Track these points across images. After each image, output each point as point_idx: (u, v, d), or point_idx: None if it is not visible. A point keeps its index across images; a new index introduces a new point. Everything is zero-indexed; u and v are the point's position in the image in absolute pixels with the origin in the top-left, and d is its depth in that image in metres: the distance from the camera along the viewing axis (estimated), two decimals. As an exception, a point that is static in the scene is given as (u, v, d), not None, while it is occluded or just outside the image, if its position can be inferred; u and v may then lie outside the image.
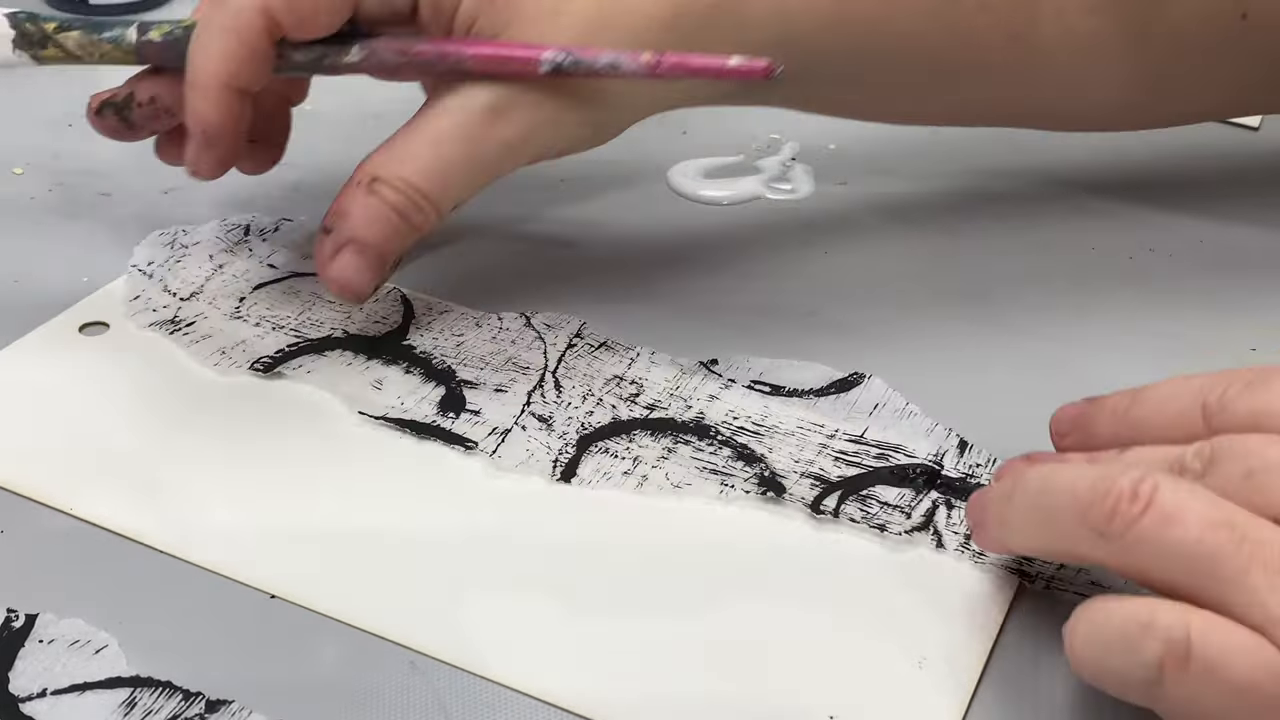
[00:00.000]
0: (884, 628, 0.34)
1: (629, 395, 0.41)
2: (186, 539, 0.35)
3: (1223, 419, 0.32)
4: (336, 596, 0.34)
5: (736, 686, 0.32)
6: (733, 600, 0.34)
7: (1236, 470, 0.30)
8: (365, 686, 0.31)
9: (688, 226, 0.51)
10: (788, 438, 0.39)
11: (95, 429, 0.38)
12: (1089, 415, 0.35)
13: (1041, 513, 0.31)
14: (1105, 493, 0.29)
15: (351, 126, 0.55)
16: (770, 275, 0.48)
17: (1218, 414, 0.32)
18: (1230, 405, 0.32)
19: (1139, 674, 0.28)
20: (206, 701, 0.30)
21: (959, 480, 0.38)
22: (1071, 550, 0.31)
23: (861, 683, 0.32)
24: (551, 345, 0.42)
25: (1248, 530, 0.28)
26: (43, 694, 0.31)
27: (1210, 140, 0.61)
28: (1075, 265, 0.50)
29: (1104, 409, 0.35)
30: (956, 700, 0.32)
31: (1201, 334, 0.46)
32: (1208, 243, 0.52)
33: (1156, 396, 0.34)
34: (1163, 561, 0.29)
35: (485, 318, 0.43)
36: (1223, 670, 0.27)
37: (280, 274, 0.45)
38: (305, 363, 0.41)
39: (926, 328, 0.46)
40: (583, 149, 0.44)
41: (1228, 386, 0.32)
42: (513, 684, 0.32)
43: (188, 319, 0.43)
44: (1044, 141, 0.59)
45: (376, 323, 0.43)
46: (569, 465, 0.38)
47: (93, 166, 0.51)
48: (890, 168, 0.56)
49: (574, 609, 0.34)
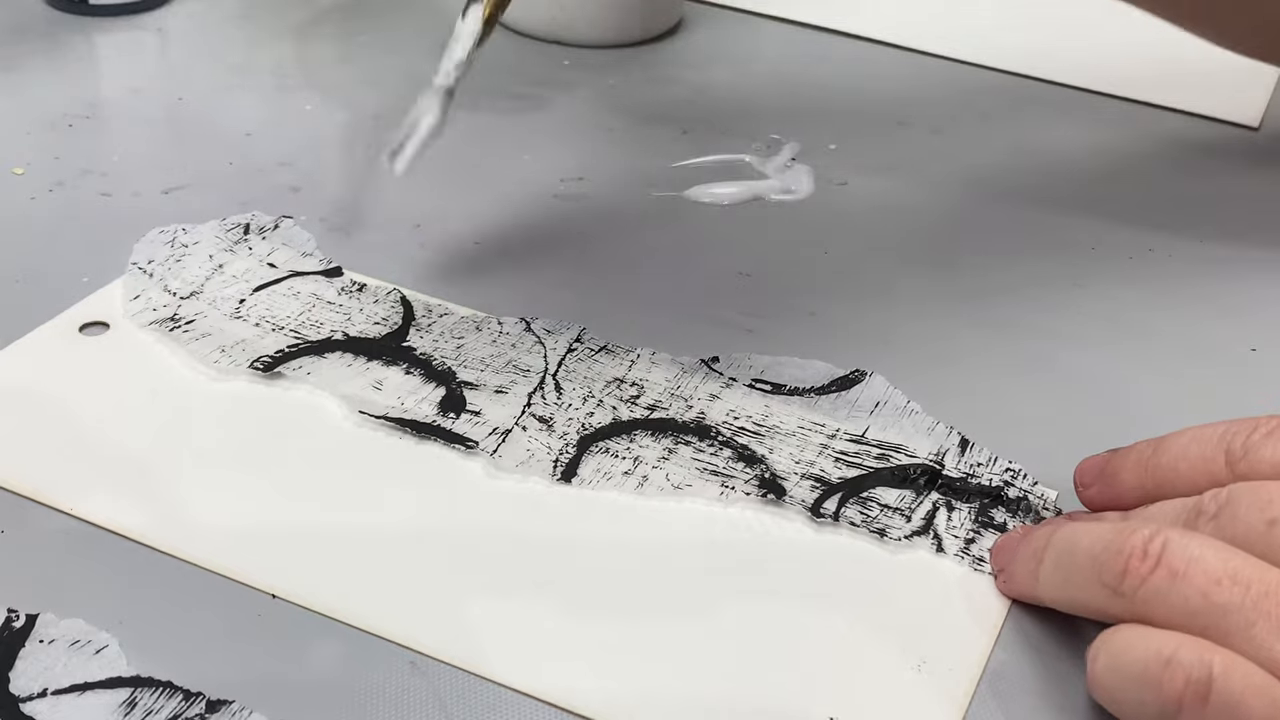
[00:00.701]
0: (883, 630, 0.34)
1: (630, 397, 0.41)
2: (186, 539, 0.35)
3: (1246, 465, 0.32)
4: (336, 596, 0.34)
5: (736, 688, 0.32)
6: (732, 601, 0.34)
7: (1258, 518, 0.30)
8: (365, 686, 0.31)
9: (688, 226, 0.51)
10: (789, 438, 0.39)
11: (96, 429, 0.38)
12: (1113, 466, 0.35)
13: (1064, 572, 0.32)
14: (1118, 551, 0.31)
15: (352, 126, 0.56)
16: (770, 275, 0.48)
17: (1241, 459, 0.32)
18: (1254, 450, 0.32)
19: (1156, 706, 0.29)
20: (207, 701, 0.30)
21: (960, 480, 0.38)
22: (1092, 607, 0.32)
23: (860, 685, 0.32)
24: (552, 350, 0.42)
25: (1254, 583, 0.29)
26: (43, 694, 0.31)
27: (1210, 140, 0.61)
28: (1075, 265, 0.50)
29: (1128, 458, 0.35)
30: (955, 704, 0.32)
31: (1201, 334, 0.46)
32: (1207, 243, 0.52)
33: (1179, 443, 0.34)
34: (1174, 616, 0.30)
35: (485, 321, 0.43)
36: (1241, 710, 0.28)
37: (280, 274, 0.45)
38: (305, 364, 0.41)
39: (926, 328, 0.46)
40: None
41: (1252, 432, 0.33)
42: (513, 684, 0.32)
43: (187, 318, 0.43)
44: (1044, 142, 0.59)
45: (376, 324, 0.43)
46: (569, 465, 0.38)
47: (93, 166, 0.51)
48: (890, 168, 0.56)
49: (574, 609, 0.34)
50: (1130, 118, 0.62)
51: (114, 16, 0.63)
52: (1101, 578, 0.31)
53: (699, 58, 0.65)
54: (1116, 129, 0.61)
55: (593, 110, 0.59)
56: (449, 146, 0.55)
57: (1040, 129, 0.60)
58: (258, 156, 0.53)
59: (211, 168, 0.52)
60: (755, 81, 0.63)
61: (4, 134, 0.53)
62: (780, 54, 0.66)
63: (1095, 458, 0.36)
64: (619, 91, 0.61)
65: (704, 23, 0.69)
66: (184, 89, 0.57)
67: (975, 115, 0.61)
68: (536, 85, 0.61)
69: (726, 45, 0.66)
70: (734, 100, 0.61)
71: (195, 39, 0.62)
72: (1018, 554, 0.34)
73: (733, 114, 0.59)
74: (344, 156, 0.49)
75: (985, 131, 0.60)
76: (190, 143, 0.54)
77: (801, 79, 0.64)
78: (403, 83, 0.60)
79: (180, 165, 0.52)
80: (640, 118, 0.59)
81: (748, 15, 0.69)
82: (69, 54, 0.59)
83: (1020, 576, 0.34)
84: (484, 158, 0.54)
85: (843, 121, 0.59)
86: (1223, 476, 0.33)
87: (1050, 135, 0.60)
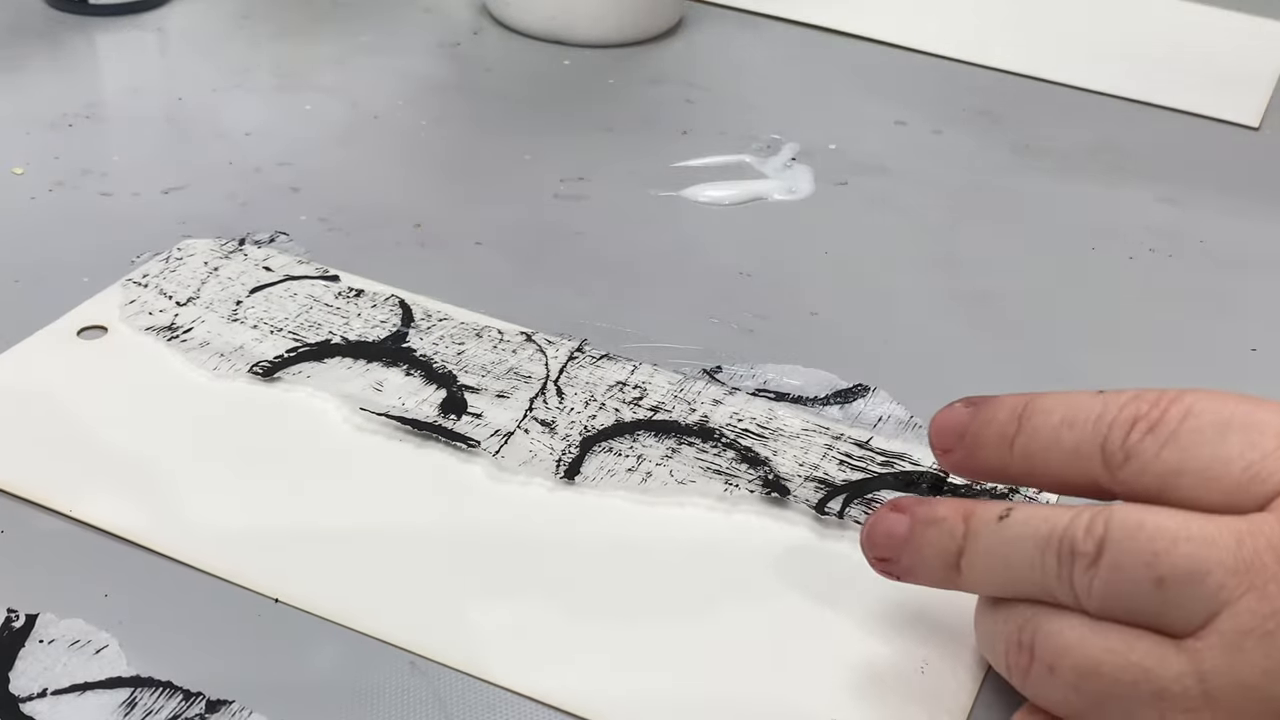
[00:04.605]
0: (887, 632, 0.34)
1: (632, 399, 0.41)
2: (186, 541, 0.35)
3: (1127, 474, 0.29)
4: (337, 599, 0.34)
5: (738, 688, 0.32)
6: (735, 602, 0.34)
7: (1144, 575, 0.27)
8: (365, 687, 0.31)
9: (688, 226, 0.51)
10: (792, 440, 0.39)
11: (95, 431, 0.38)
12: (974, 434, 0.31)
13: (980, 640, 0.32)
14: (1000, 642, 0.30)
15: (352, 126, 0.56)
16: (770, 275, 0.48)
17: (1121, 465, 0.29)
18: (1137, 455, 0.28)
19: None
20: (207, 701, 0.30)
21: (964, 488, 0.38)
22: (1009, 681, 0.30)
23: (864, 687, 0.32)
24: (553, 358, 0.42)
25: (1123, 671, 0.27)
26: (43, 694, 0.30)
27: (1210, 140, 0.61)
28: (1075, 265, 0.50)
29: (989, 428, 0.31)
30: (958, 706, 0.32)
31: (1201, 334, 0.46)
32: (1208, 243, 0.52)
33: (1049, 424, 0.30)
34: (1061, 707, 0.29)
35: (485, 329, 0.43)
36: None
37: (276, 278, 0.45)
38: (304, 367, 0.41)
39: (926, 328, 0.46)
40: None
41: (1133, 424, 0.29)
42: (514, 685, 0.32)
43: (185, 325, 0.42)
44: (1044, 142, 0.59)
45: (375, 327, 0.43)
46: (572, 465, 0.38)
47: (93, 166, 0.51)
48: (890, 168, 0.56)
49: (575, 611, 0.34)
50: (1130, 118, 0.62)
51: (114, 16, 0.63)
52: (999, 665, 0.30)
53: (699, 58, 0.65)
54: (1116, 129, 0.61)
55: (593, 110, 0.59)
56: (449, 146, 0.55)
57: (1040, 129, 0.60)
58: (258, 156, 0.53)
59: (211, 168, 0.52)
60: (755, 81, 0.63)
61: (4, 134, 0.53)
62: (780, 54, 0.66)
63: (954, 412, 0.32)
64: (619, 91, 0.61)
65: (704, 23, 0.69)
66: (184, 89, 0.57)
67: (975, 115, 0.61)
68: (536, 85, 0.61)
69: (726, 45, 0.66)
70: (734, 100, 0.61)
71: (195, 39, 0.62)
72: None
73: (733, 114, 0.59)
74: (344, 157, 0.49)
75: (985, 131, 0.60)
76: (190, 143, 0.54)
77: (801, 79, 0.64)
78: (403, 83, 0.60)
79: (180, 165, 0.52)
80: (640, 118, 0.59)
81: (748, 15, 0.69)
82: (69, 54, 0.59)
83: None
84: (484, 158, 0.54)
85: (843, 121, 0.59)
86: (1101, 480, 0.29)
87: (1050, 135, 0.60)
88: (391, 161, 0.54)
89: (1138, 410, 0.29)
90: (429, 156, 0.54)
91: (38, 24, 0.62)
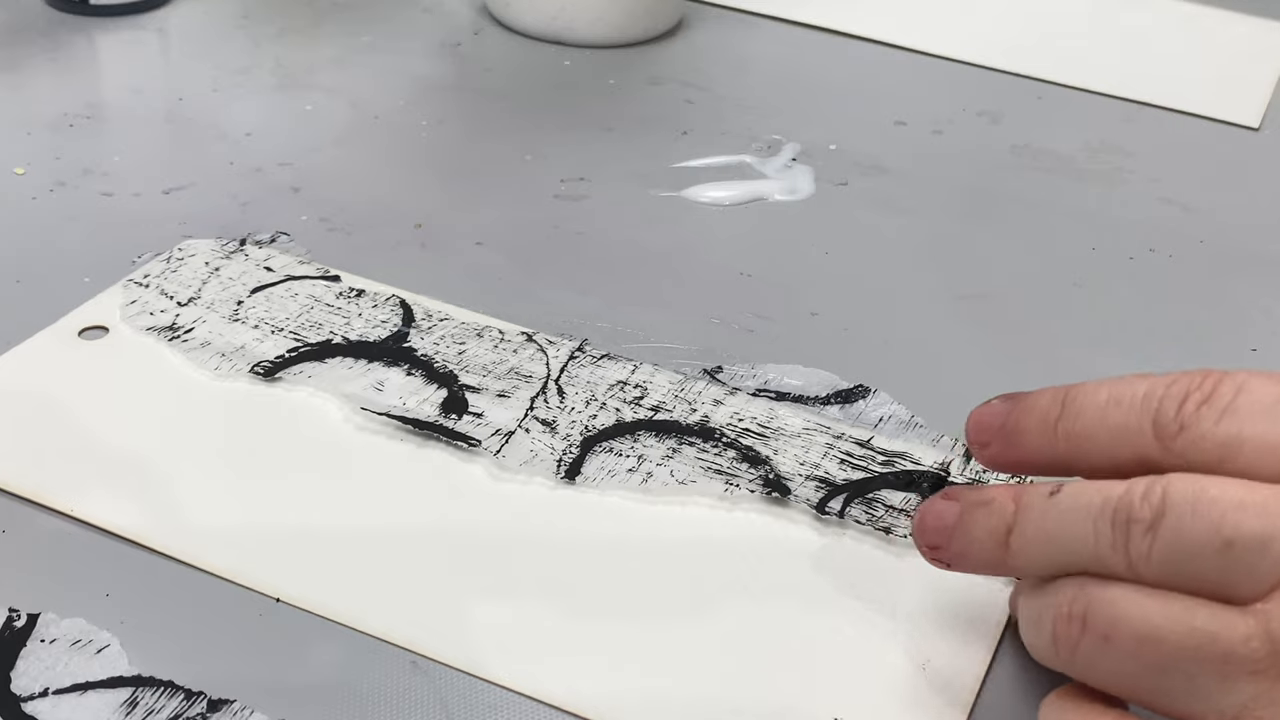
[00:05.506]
0: (888, 630, 0.34)
1: (633, 399, 0.41)
2: (187, 541, 0.35)
3: (1184, 444, 0.28)
4: (339, 598, 0.34)
5: (740, 688, 0.32)
6: (736, 601, 0.34)
7: (1210, 537, 0.26)
8: (366, 687, 0.31)
9: (688, 226, 0.51)
10: (793, 439, 0.39)
11: (96, 430, 0.38)
12: (1015, 423, 0.31)
13: (1022, 627, 0.31)
14: (1048, 617, 0.29)
15: (352, 126, 0.56)
16: (770, 275, 0.48)
17: (1176, 435, 0.28)
18: (1193, 427, 0.28)
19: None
20: (208, 701, 0.30)
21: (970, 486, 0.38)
22: (1052, 663, 0.30)
23: (865, 685, 0.32)
24: (554, 358, 0.42)
25: (1187, 637, 0.27)
26: (44, 693, 0.30)
27: (1210, 140, 0.61)
28: (1075, 265, 0.50)
29: (1031, 415, 0.31)
30: (960, 703, 0.32)
31: (1201, 334, 0.46)
32: (1208, 243, 0.52)
33: (1095, 403, 0.29)
34: (1114, 679, 0.28)
35: (486, 329, 0.43)
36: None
37: (277, 278, 0.45)
38: (306, 367, 0.41)
39: (927, 328, 0.46)
40: None
41: (1185, 398, 0.28)
42: (515, 685, 0.32)
43: (186, 325, 0.42)
44: (1044, 142, 0.59)
45: (376, 327, 0.43)
46: (573, 464, 0.38)
47: (93, 166, 0.51)
48: (890, 168, 0.56)
49: (577, 610, 0.34)
50: (1130, 118, 0.62)
51: (114, 16, 0.63)
52: (1040, 645, 0.30)
53: (699, 58, 0.65)
54: (1116, 129, 0.61)
55: (593, 110, 0.59)
56: (449, 146, 0.55)
57: (1040, 129, 0.60)
58: (258, 156, 0.53)
59: (211, 168, 0.52)
60: (755, 81, 0.63)
61: (4, 134, 0.53)
62: (780, 54, 0.66)
63: (992, 407, 0.32)
64: (619, 91, 0.61)
65: (704, 23, 0.69)
66: (184, 89, 0.57)
67: (975, 115, 0.61)
68: (537, 85, 0.61)
69: (726, 45, 0.66)
70: (734, 100, 0.61)
71: (195, 39, 0.62)
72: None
73: (733, 114, 0.59)
74: (344, 157, 0.49)
75: (985, 131, 0.60)
76: (190, 143, 0.54)
77: (801, 79, 0.64)
78: (403, 83, 0.60)
79: (180, 165, 0.52)
80: (640, 118, 0.59)
81: (748, 15, 0.69)
82: (69, 54, 0.59)
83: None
84: (484, 158, 0.54)
85: (843, 121, 0.59)
86: (1153, 454, 0.28)
87: (1050, 135, 0.60)
88: (392, 161, 0.54)
89: (1190, 384, 0.28)
90: (429, 156, 0.54)
91: (38, 24, 0.62)
